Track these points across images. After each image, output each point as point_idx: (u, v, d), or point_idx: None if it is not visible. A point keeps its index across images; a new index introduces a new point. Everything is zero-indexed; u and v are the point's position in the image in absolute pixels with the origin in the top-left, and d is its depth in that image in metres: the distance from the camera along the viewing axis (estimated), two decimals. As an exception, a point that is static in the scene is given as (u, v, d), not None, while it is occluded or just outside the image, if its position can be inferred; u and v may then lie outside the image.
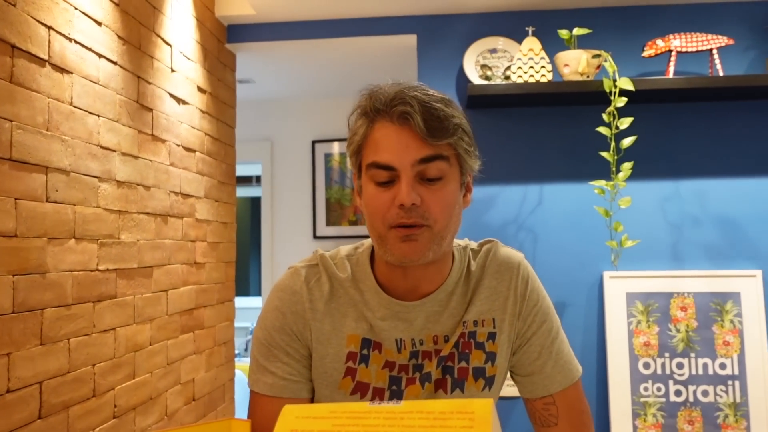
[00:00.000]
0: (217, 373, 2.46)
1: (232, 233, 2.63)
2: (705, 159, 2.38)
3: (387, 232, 0.97)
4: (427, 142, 0.94)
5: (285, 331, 1.05)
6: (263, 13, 2.49)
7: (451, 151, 0.97)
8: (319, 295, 1.06)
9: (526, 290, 1.09)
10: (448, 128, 0.95)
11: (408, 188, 0.94)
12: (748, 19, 2.39)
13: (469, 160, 1.01)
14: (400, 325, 1.04)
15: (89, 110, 1.62)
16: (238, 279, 2.72)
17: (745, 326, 2.28)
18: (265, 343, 1.06)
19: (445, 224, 0.98)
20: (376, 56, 2.82)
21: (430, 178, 0.96)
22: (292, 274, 1.08)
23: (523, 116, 2.43)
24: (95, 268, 1.65)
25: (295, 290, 1.06)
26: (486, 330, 1.07)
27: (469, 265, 1.10)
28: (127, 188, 1.80)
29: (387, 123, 0.96)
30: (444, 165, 0.96)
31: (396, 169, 0.95)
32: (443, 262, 1.06)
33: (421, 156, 0.94)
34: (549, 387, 1.09)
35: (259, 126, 3.93)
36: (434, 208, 0.95)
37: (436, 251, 0.99)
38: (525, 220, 2.42)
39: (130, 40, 1.82)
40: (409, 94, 0.95)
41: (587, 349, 2.36)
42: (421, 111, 0.93)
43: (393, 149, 0.95)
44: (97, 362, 1.65)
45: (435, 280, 1.05)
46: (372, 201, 0.98)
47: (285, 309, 1.05)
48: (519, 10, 2.45)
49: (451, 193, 0.98)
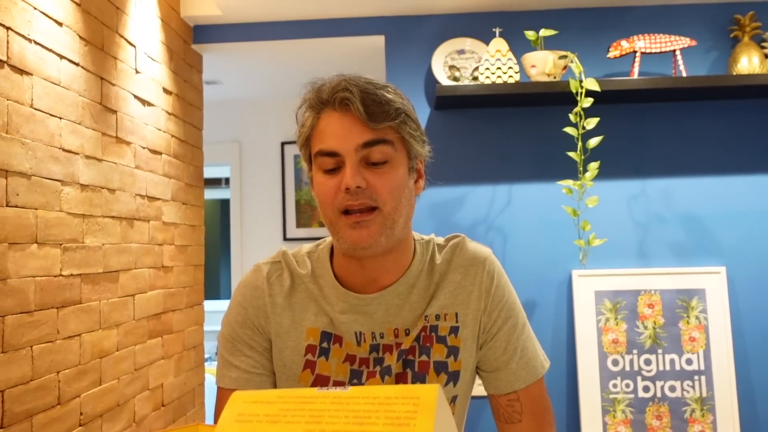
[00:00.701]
0: (187, 378, 2.43)
1: (200, 236, 2.60)
2: (670, 158, 2.42)
3: (337, 219, 0.99)
4: (369, 126, 0.96)
5: (247, 325, 1.08)
6: (230, 13, 2.47)
7: (395, 134, 0.99)
8: (279, 290, 1.08)
9: (492, 285, 1.09)
10: (388, 112, 0.97)
11: (352, 171, 0.96)
12: (709, 21, 2.43)
13: (416, 144, 1.02)
14: (360, 318, 1.05)
15: (50, 112, 1.59)
16: (208, 282, 2.69)
17: (710, 322, 2.32)
18: (229, 338, 1.09)
19: (395, 206, 0.99)
20: (344, 57, 2.81)
21: (375, 162, 0.98)
22: (254, 271, 1.12)
23: (491, 117, 2.45)
24: (59, 273, 1.61)
25: (256, 285, 1.09)
26: (448, 324, 1.07)
27: (433, 258, 1.10)
28: (91, 191, 1.77)
29: (331, 111, 0.99)
30: (388, 149, 0.98)
31: (340, 154, 0.97)
32: (401, 252, 1.06)
33: (363, 140, 0.97)
34: (513, 383, 1.09)
35: (228, 128, 3.89)
36: (381, 190, 0.97)
37: (389, 236, 0.99)
38: (494, 219, 2.43)
39: (92, 40, 1.79)
40: (350, 82, 0.98)
41: (557, 347, 2.38)
42: (361, 96, 0.96)
43: (336, 136, 0.97)
44: (62, 369, 1.62)
45: (393, 271, 1.06)
46: (320, 188, 1.00)
47: (247, 304, 1.09)
48: (486, 11, 2.47)
49: (398, 176, 0.99)
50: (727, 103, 2.41)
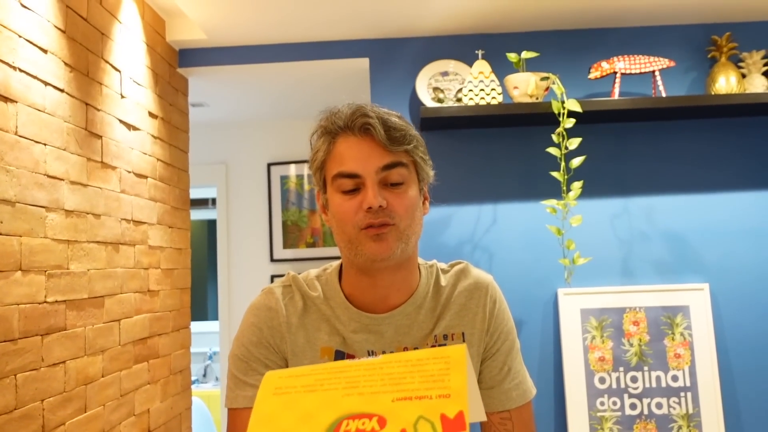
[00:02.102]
0: (173, 403, 2.41)
1: (186, 259, 2.59)
2: (651, 176, 2.45)
3: (357, 234, 1.04)
4: (388, 149, 1.03)
5: (262, 344, 1.10)
6: (215, 37, 2.48)
7: (409, 158, 1.06)
8: (293, 311, 1.12)
9: (495, 308, 1.16)
10: (406, 137, 1.05)
11: (374, 192, 1.02)
12: (687, 42, 2.48)
13: (425, 167, 1.10)
14: (371, 337, 1.10)
15: (35, 139, 1.59)
16: (195, 303, 2.68)
17: (694, 338, 2.34)
18: (242, 358, 1.10)
19: (409, 223, 1.05)
20: (329, 79, 2.83)
21: (393, 183, 1.04)
22: (267, 294, 1.15)
23: (475, 137, 2.47)
24: (43, 300, 1.61)
25: (270, 306, 1.12)
26: (455, 343, 1.12)
27: (438, 281, 1.16)
28: (76, 217, 1.77)
29: (349, 136, 1.05)
30: (404, 171, 1.05)
31: (361, 176, 1.03)
32: (409, 271, 1.12)
33: (384, 163, 1.03)
34: (506, 402, 1.14)
35: (214, 149, 3.90)
36: (398, 208, 1.03)
37: (404, 250, 1.05)
38: (480, 239, 2.45)
39: (77, 66, 1.80)
40: (368, 109, 1.05)
41: (544, 365, 2.39)
42: (381, 122, 1.03)
43: (357, 158, 1.03)
44: (46, 397, 1.60)
45: (402, 290, 1.11)
46: (340, 209, 1.05)
47: (261, 324, 1.11)
48: (469, 33, 2.50)
49: (412, 196, 1.06)
50: (706, 122, 2.45)
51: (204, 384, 5.06)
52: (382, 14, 2.32)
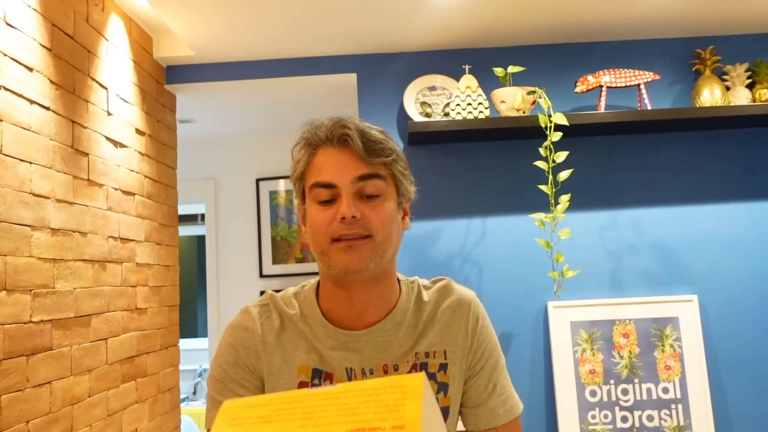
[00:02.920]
0: (162, 422, 2.38)
1: (175, 276, 2.58)
2: (638, 188, 2.46)
3: (329, 246, 1.02)
4: (365, 161, 1.02)
5: (238, 365, 1.08)
6: (202, 54, 2.49)
7: (387, 171, 1.05)
8: (270, 330, 1.10)
9: (478, 325, 1.14)
10: (383, 149, 1.03)
11: (348, 202, 1.01)
12: (672, 55, 2.51)
13: (405, 182, 1.08)
14: (350, 354, 1.08)
15: (20, 157, 1.58)
16: (185, 320, 2.66)
17: (684, 350, 2.34)
18: (219, 379, 1.09)
19: (386, 236, 1.03)
20: (317, 95, 2.84)
21: (369, 194, 1.03)
22: (243, 313, 1.13)
23: (463, 152, 2.48)
24: (28, 320, 1.59)
25: (246, 327, 1.10)
26: (437, 361, 1.10)
27: (420, 297, 1.14)
28: (62, 235, 1.75)
29: (328, 147, 1.04)
30: (381, 183, 1.04)
31: (337, 186, 1.02)
32: (386, 286, 1.10)
33: (359, 173, 1.02)
34: (492, 420, 1.13)
35: (202, 165, 3.89)
36: (374, 220, 1.02)
37: (378, 263, 1.03)
38: (469, 253, 2.45)
39: (63, 84, 1.79)
40: (348, 121, 1.05)
41: (534, 378, 2.39)
42: (360, 134, 1.02)
43: (333, 169, 1.03)
44: (32, 418, 1.58)
45: (380, 305, 1.09)
46: (315, 219, 1.04)
47: (237, 345, 1.09)
48: (455, 48, 2.51)
49: (389, 210, 1.05)
50: (691, 134, 2.47)
51: (194, 402, 5.01)
52: (369, 30, 2.33)
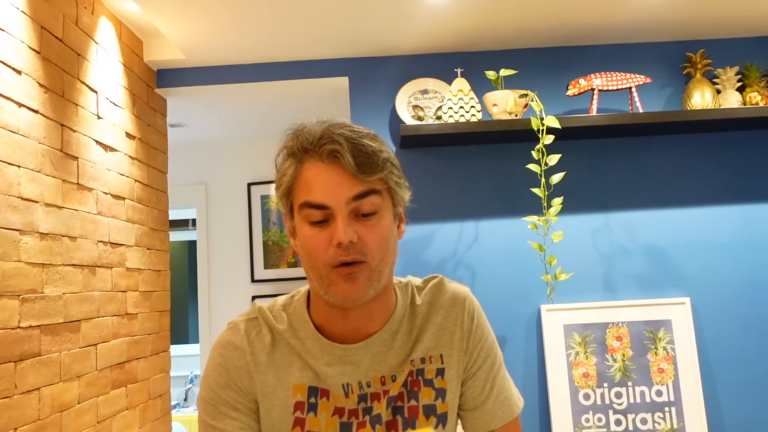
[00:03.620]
0: (153, 428, 2.36)
1: (165, 281, 2.56)
2: (630, 191, 2.47)
3: (329, 273, 0.95)
4: (359, 178, 0.94)
5: (230, 386, 1.02)
6: (193, 57, 2.47)
7: (382, 185, 0.98)
8: (261, 347, 1.03)
9: (473, 325, 1.10)
10: (377, 163, 0.95)
11: (344, 226, 0.93)
12: (663, 59, 2.51)
13: (400, 191, 1.01)
14: (346, 369, 1.03)
15: (8, 161, 1.56)
16: (176, 326, 2.64)
17: (677, 353, 2.34)
18: (210, 402, 1.02)
19: (381, 258, 0.97)
20: (309, 98, 2.83)
21: (365, 213, 0.95)
22: (231, 329, 1.06)
23: (456, 155, 2.47)
24: (17, 325, 1.57)
25: (236, 345, 1.03)
26: (434, 366, 1.06)
27: (414, 301, 1.09)
28: (51, 240, 1.73)
29: (317, 162, 0.96)
30: (377, 199, 0.96)
31: (330, 207, 0.94)
32: (384, 299, 1.04)
33: (354, 193, 0.94)
34: (490, 422, 1.09)
35: (193, 170, 3.87)
36: (371, 243, 0.95)
37: (376, 287, 0.98)
38: (462, 256, 2.44)
39: (52, 87, 1.77)
40: (336, 131, 0.95)
41: (528, 382, 2.38)
42: (350, 148, 0.93)
43: (325, 188, 0.94)
44: (20, 425, 1.56)
45: (377, 318, 1.04)
46: (309, 242, 0.96)
47: (228, 365, 1.03)
48: (447, 52, 2.51)
49: (386, 227, 0.98)
50: (683, 137, 2.48)
51: (185, 408, 4.97)
52: (361, 34, 2.33)
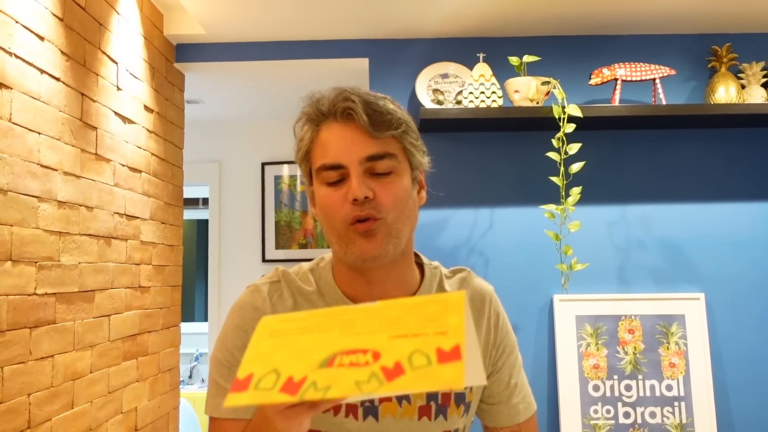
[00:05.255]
0: (161, 402, 2.37)
1: (178, 256, 2.56)
2: (649, 184, 2.44)
3: (346, 230, 0.96)
4: (373, 136, 0.95)
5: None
6: (213, 33, 2.46)
7: (397, 145, 0.97)
8: (282, 310, 1.03)
9: (499, 321, 1.11)
10: (391, 122, 0.96)
11: (359, 182, 0.94)
12: (687, 51, 2.48)
13: (417, 154, 1.01)
14: None
15: (29, 127, 1.56)
16: (183, 304, 2.64)
17: (689, 348, 2.33)
18: (226, 364, 1.01)
19: (398, 215, 0.96)
20: (327, 79, 2.80)
21: (380, 172, 0.96)
22: (252, 291, 1.05)
23: (474, 141, 2.46)
24: (33, 292, 1.57)
25: (256, 306, 1.03)
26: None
27: (442, 286, 1.09)
28: (68, 209, 1.73)
29: (332, 123, 0.97)
30: (392, 162, 0.96)
31: (345, 166, 0.95)
32: (405, 266, 1.04)
33: (368, 153, 0.95)
34: (514, 417, 1.12)
35: (208, 147, 3.86)
36: (385, 200, 0.95)
37: (396, 245, 0.97)
38: (476, 243, 2.43)
39: (74, 56, 1.77)
40: (351, 92, 0.96)
41: (538, 371, 2.37)
42: (364, 106, 0.94)
43: (340, 148, 0.95)
44: (33, 391, 1.56)
45: (399, 286, 1.03)
46: (325, 201, 0.97)
47: (247, 326, 1.01)
48: (470, 36, 2.49)
49: (402, 187, 0.97)
50: (704, 131, 2.45)
51: (190, 385, 5.00)
52: (383, 15, 2.31)
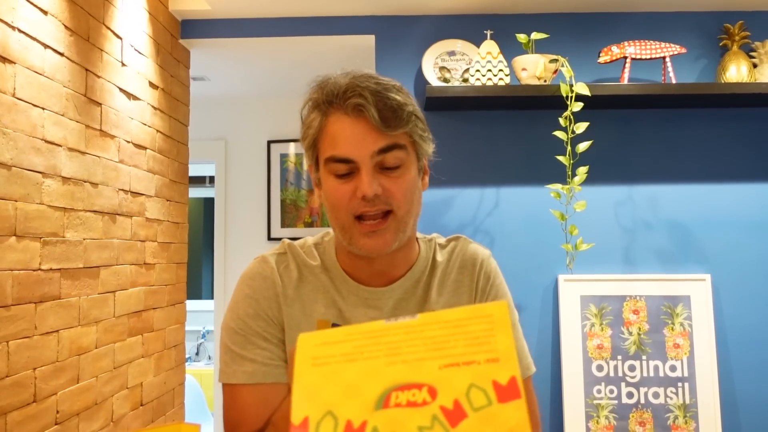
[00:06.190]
0: (167, 377, 2.39)
1: (184, 234, 2.56)
2: (657, 164, 2.42)
3: (351, 225, 0.98)
4: (383, 132, 0.95)
5: (260, 316, 1.04)
6: (218, 8, 2.44)
7: (407, 139, 0.99)
8: (289, 281, 1.06)
9: (487, 285, 1.12)
10: (402, 117, 0.96)
11: (369, 179, 0.95)
12: (699, 29, 2.44)
13: (424, 145, 1.03)
14: (370, 312, 1.06)
15: (33, 102, 1.55)
16: (189, 282, 2.65)
17: (694, 329, 2.32)
18: (240, 332, 1.04)
19: (408, 209, 1.00)
20: (334, 56, 2.79)
21: (390, 166, 0.97)
22: (260, 262, 1.09)
23: (481, 119, 2.44)
24: (38, 267, 1.57)
25: (266, 275, 1.06)
26: None
27: (435, 256, 1.12)
28: (73, 185, 1.73)
29: (341, 116, 0.97)
30: (402, 153, 0.98)
31: (355, 161, 0.96)
32: (408, 248, 1.08)
33: (378, 147, 0.96)
34: None
35: (213, 125, 3.85)
36: (396, 194, 0.97)
37: (401, 239, 1.01)
38: (482, 222, 2.42)
39: (78, 31, 1.75)
40: (361, 84, 0.96)
41: (542, 351, 2.37)
42: (375, 102, 0.94)
43: (350, 142, 0.96)
44: (39, 366, 1.58)
45: (400, 265, 1.08)
46: (334, 193, 0.99)
47: (257, 295, 1.05)
48: (478, 13, 2.46)
49: (411, 179, 1.00)
50: (714, 111, 2.42)
51: (196, 362, 5.05)
52: (390, -10, 2.28)
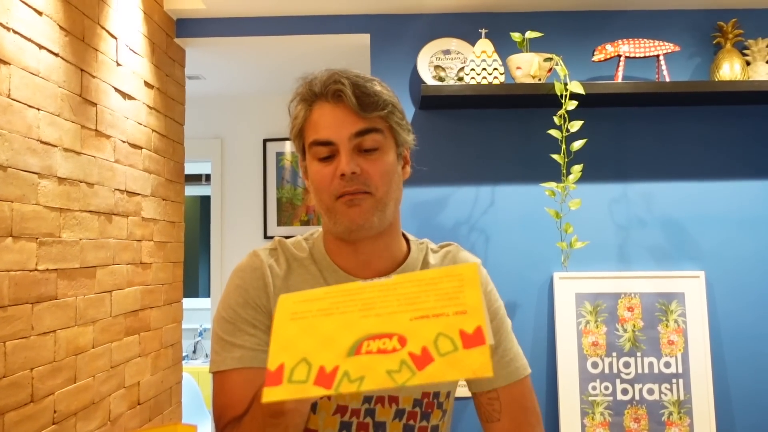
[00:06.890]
0: (164, 376, 2.39)
1: (180, 233, 2.56)
2: (651, 162, 2.43)
3: (334, 203, 1.04)
4: (361, 116, 1.03)
5: (249, 305, 1.08)
6: (214, 7, 2.44)
7: (384, 124, 1.06)
8: (278, 273, 1.11)
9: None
10: (377, 103, 1.04)
11: (347, 158, 1.02)
12: (692, 27, 2.45)
13: (403, 133, 1.09)
14: None
15: (28, 103, 1.55)
16: (186, 280, 2.66)
17: (688, 326, 2.33)
18: (229, 320, 1.08)
19: (386, 190, 1.05)
20: (329, 55, 2.79)
21: (367, 149, 1.04)
22: (251, 256, 1.14)
23: (476, 117, 2.44)
24: (34, 267, 1.58)
25: (255, 267, 1.11)
26: None
27: (427, 260, 1.16)
28: (69, 185, 1.73)
29: (324, 103, 1.05)
30: (379, 137, 1.05)
31: (335, 143, 1.03)
32: (391, 238, 1.12)
33: (356, 129, 1.03)
34: (493, 382, 1.14)
35: (209, 124, 3.85)
36: (374, 175, 1.04)
37: (381, 218, 1.05)
38: (477, 220, 2.43)
39: (73, 31, 1.75)
40: (341, 75, 1.04)
41: (537, 348, 2.38)
42: (353, 88, 1.02)
43: (330, 126, 1.04)
44: (36, 366, 1.58)
45: (385, 257, 1.11)
46: (316, 176, 1.06)
47: (247, 285, 1.10)
48: (472, 11, 2.46)
49: (388, 162, 1.06)
50: (708, 109, 2.43)
51: (194, 360, 5.05)
52: (385, -11, 2.28)
